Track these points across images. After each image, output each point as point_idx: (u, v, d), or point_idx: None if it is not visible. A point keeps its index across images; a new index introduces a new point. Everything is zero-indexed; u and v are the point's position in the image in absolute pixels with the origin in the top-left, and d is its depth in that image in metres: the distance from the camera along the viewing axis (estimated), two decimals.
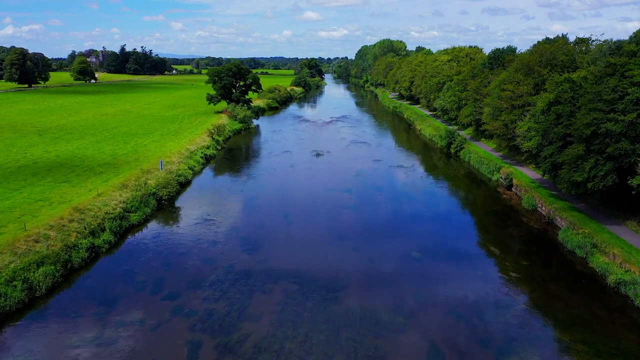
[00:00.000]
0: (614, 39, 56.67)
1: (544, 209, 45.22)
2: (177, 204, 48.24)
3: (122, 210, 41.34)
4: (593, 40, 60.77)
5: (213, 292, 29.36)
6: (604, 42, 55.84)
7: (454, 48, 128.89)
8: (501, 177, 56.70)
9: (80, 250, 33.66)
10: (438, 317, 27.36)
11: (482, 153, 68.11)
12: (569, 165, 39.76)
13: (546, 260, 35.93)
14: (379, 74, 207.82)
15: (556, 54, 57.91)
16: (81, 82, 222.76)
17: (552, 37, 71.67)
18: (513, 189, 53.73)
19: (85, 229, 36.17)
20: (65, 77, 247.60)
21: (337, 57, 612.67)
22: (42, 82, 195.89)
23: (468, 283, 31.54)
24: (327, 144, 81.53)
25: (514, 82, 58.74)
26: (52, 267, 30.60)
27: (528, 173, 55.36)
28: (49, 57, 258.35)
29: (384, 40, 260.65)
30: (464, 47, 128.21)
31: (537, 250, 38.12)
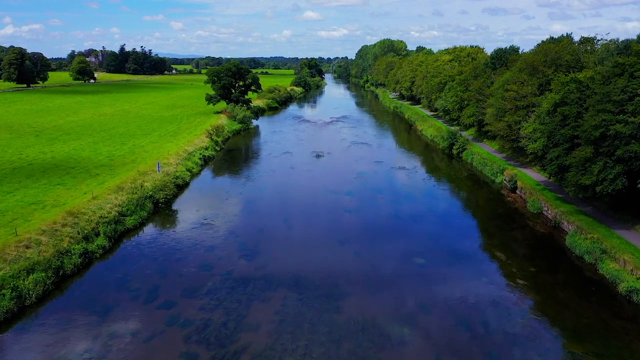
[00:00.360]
0: (620, 39, 55.75)
1: (550, 212, 44.13)
2: (174, 206, 47.17)
3: (117, 213, 40.27)
4: (598, 40, 59.75)
5: (210, 301, 28.29)
6: (610, 41, 54.79)
7: (455, 48, 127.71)
8: (505, 179, 55.61)
9: (73, 256, 32.56)
10: (444, 327, 26.28)
11: (484, 154, 67.01)
12: (577, 167, 38.70)
13: (554, 266, 34.85)
14: (380, 73, 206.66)
15: (561, 54, 56.81)
16: (80, 82, 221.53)
17: (552, 37, 70.58)
18: (517, 191, 52.65)
19: (79, 234, 35.09)
20: (64, 77, 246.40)
21: (337, 57, 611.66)
22: (41, 82, 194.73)
23: (474, 291, 30.46)
24: (328, 145, 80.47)
25: (518, 83, 57.66)
26: (43, 274, 29.52)
27: (532, 175, 54.29)
28: (49, 57, 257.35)
29: (384, 40, 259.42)
30: (466, 46, 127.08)
31: (544, 255, 37.03)
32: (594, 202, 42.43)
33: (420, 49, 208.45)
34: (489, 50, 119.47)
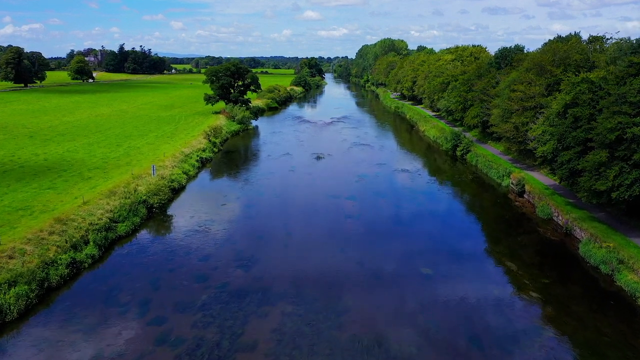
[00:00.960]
0: (625, 38, 54.00)
1: (560, 218, 42.30)
2: (169, 211, 45.36)
3: (108, 220, 38.44)
4: (607, 39, 57.95)
5: (203, 317, 26.48)
6: (620, 40, 52.91)
7: (457, 47, 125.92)
8: (512, 183, 53.76)
9: (60, 267, 30.72)
10: (454, 348, 24.46)
11: (490, 156, 65.20)
12: (590, 172, 36.88)
13: (568, 278, 33.00)
14: (380, 73, 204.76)
15: (570, 53, 54.99)
16: (78, 81, 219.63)
17: (559, 35, 68.78)
18: (525, 195, 50.82)
19: (67, 243, 33.26)
20: (62, 76, 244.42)
21: (337, 57, 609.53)
22: (38, 82, 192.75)
23: (485, 305, 28.64)
24: (328, 146, 78.64)
25: (525, 83, 55.81)
26: (27, 287, 27.71)
27: (540, 178, 52.46)
28: (49, 57, 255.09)
29: (385, 39, 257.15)
30: (468, 46, 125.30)
31: (557, 265, 35.18)
32: (607, 208, 40.62)
33: (421, 48, 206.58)
34: (489, 49, 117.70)
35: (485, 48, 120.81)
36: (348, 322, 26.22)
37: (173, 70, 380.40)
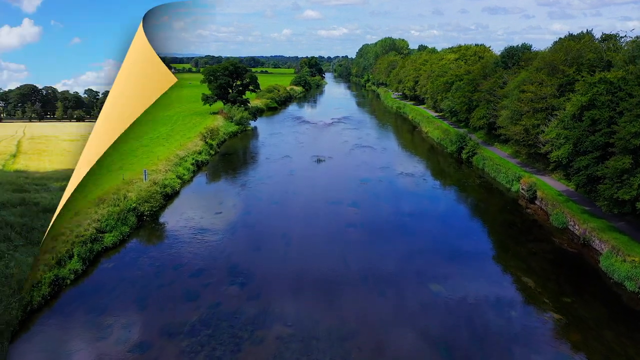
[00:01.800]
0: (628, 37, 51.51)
1: (577, 227, 39.73)
2: (161, 219, 42.81)
3: (94, 230, 35.83)
4: (621, 37, 55.31)
5: (191, 343, 23.91)
6: (637, 37, 50.23)
7: (460, 46, 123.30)
8: (522, 188, 51.19)
9: (42, 287, 28.05)
10: None
11: (497, 159, 62.61)
12: (612, 180, 34.35)
13: (591, 296, 30.42)
14: (381, 73, 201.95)
15: (582, 52, 52.41)
16: None
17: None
18: (537, 202, 48.24)
19: (52, 259, 30.64)
20: None
21: (338, 56, 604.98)
22: None
23: (505, 329, 26.11)
24: (329, 148, 76.05)
25: (536, 83, 53.23)
26: None
27: (552, 184, 49.90)
28: None
29: (385, 38, 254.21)
30: (471, 45, 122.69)
31: (577, 281, 32.61)
32: (627, 217, 38.06)
33: (422, 47, 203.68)
34: (491, 49, 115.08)
35: (489, 47, 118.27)
36: (354, 350, 23.67)
37: (172, 70, 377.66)
